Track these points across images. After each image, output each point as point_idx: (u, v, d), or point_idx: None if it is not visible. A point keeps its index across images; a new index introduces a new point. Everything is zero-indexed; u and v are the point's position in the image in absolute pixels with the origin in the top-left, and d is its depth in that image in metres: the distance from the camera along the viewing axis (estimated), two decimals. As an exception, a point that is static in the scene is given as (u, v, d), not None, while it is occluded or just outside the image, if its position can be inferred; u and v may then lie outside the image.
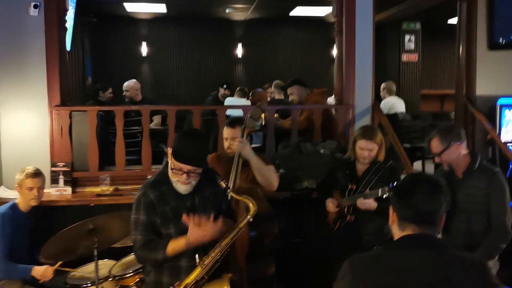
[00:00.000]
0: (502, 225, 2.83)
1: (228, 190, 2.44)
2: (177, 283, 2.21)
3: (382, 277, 1.52)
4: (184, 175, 2.24)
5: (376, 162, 3.23)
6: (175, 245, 2.24)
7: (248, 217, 2.35)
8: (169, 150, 2.32)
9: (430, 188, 1.60)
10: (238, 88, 7.21)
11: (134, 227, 2.33)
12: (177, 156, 2.24)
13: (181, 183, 2.27)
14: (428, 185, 1.61)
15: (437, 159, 2.97)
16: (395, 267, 1.53)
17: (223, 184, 2.66)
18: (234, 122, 3.32)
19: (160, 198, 2.31)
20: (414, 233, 1.59)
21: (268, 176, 3.16)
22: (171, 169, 2.27)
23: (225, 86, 7.04)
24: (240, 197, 2.45)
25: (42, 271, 3.14)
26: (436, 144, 2.93)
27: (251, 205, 2.38)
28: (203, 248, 2.28)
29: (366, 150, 3.18)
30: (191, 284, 2.20)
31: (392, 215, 1.66)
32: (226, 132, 3.29)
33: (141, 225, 2.30)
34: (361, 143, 3.19)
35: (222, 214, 2.40)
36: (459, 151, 2.89)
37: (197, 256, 2.22)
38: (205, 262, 2.22)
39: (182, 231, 2.26)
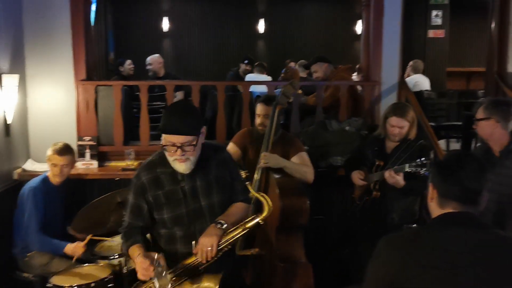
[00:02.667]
0: None
1: (247, 183, 2.31)
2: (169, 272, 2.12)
3: (421, 256, 1.48)
4: (179, 150, 2.05)
5: (406, 140, 3.17)
6: (133, 251, 2.15)
7: (258, 219, 2.15)
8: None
9: (478, 166, 1.55)
10: (256, 63, 7.09)
11: (126, 207, 2.30)
12: (164, 129, 2.08)
13: (179, 161, 2.09)
14: (476, 162, 1.56)
15: (474, 126, 2.90)
16: (435, 245, 1.48)
17: (243, 174, 2.62)
18: (268, 99, 3.31)
19: (153, 181, 2.18)
20: (455, 211, 1.54)
21: (304, 174, 3.16)
22: (163, 146, 2.10)
23: (246, 61, 6.96)
24: (258, 194, 2.25)
25: (73, 248, 3.19)
26: (479, 110, 2.84)
27: (266, 206, 2.16)
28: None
29: (397, 128, 3.12)
30: (181, 268, 2.13)
31: (432, 192, 1.60)
32: (260, 108, 3.29)
33: (130, 207, 2.25)
34: (392, 120, 3.13)
35: (233, 198, 2.29)
36: (495, 129, 2.81)
37: (194, 243, 2.09)
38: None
39: (175, 216, 2.17)
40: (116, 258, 3.17)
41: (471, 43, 8.84)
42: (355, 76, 6.14)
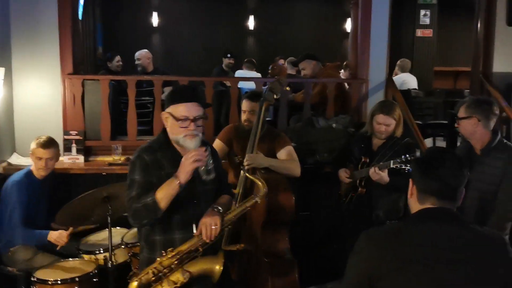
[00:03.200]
0: (506, 211, 2.78)
1: (242, 167, 2.41)
2: (169, 249, 2.14)
3: (399, 250, 1.50)
4: (192, 124, 2.11)
5: (392, 138, 3.20)
6: (163, 186, 2.09)
7: (256, 199, 2.28)
8: (164, 114, 2.20)
9: (457, 162, 1.57)
10: (245, 60, 7.04)
11: (129, 187, 2.18)
12: (177, 99, 2.15)
13: (190, 137, 2.12)
14: (455, 159, 1.58)
15: (456, 124, 2.94)
16: (414, 240, 1.51)
17: (237, 159, 2.64)
18: (254, 95, 3.32)
19: (155, 163, 2.19)
20: (433, 206, 1.56)
21: (291, 170, 3.17)
22: (177, 121, 2.12)
23: (228, 55, 6.87)
24: (252, 176, 2.41)
25: (56, 235, 3.18)
26: (461, 109, 2.88)
27: (261, 186, 2.30)
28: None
29: (383, 125, 3.15)
30: (184, 252, 2.13)
31: (412, 188, 1.63)
32: (245, 104, 3.29)
33: (137, 184, 2.16)
34: (379, 118, 3.16)
35: (221, 189, 2.34)
36: (476, 128, 2.85)
37: (194, 226, 2.14)
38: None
39: (175, 200, 2.12)
40: (102, 253, 3.16)
41: (459, 43, 8.91)
42: (342, 74, 6.18)
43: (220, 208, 2.18)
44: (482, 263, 1.48)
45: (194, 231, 2.14)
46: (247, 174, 2.44)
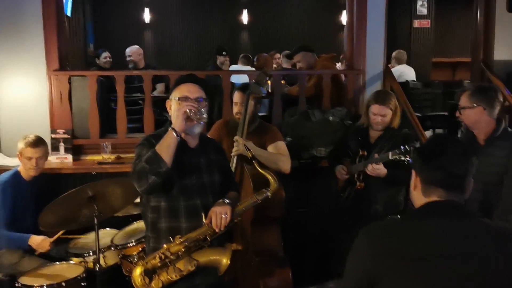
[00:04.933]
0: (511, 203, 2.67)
1: (254, 162, 2.50)
2: (177, 236, 2.10)
3: (400, 247, 1.37)
4: (195, 104, 2.12)
5: (390, 129, 3.08)
6: (162, 139, 2.07)
7: (268, 193, 2.36)
8: (168, 102, 2.23)
9: (461, 149, 1.44)
10: (241, 55, 6.91)
11: (134, 161, 2.12)
12: (179, 82, 2.22)
13: (194, 123, 2.11)
14: (458, 145, 1.46)
15: (457, 113, 2.80)
16: (417, 236, 1.38)
17: (249, 154, 2.66)
18: (245, 86, 3.23)
19: None
20: (440, 199, 1.43)
21: (279, 165, 3.04)
22: (179, 100, 2.14)
23: (224, 53, 6.72)
24: (263, 170, 2.48)
25: (38, 242, 3.06)
26: (463, 99, 2.75)
27: (272, 181, 2.39)
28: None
29: (379, 116, 3.03)
30: (193, 239, 2.10)
31: (415, 179, 1.49)
32: (237, 96, 3.20)
33: (143, 156, 2.09)
34: (374, 108, 3.04)
35: (226, 185, 2.32)
36: (481, 116, 2.72)
37: (203, 215, 2.14)
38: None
39: (183, 185, 2.15)
40: (91, 255, 3.03)
41: (457, 33, 8.79)
42: (339, 66, 6.04)
43: (229, 200, 2.19)
44: (490, 257, 1.36)
45: (204, 220, 2.13)
46: (259, 169, 2.49)
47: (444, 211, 1.42)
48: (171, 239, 2.10)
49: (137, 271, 2.07)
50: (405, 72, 6.41)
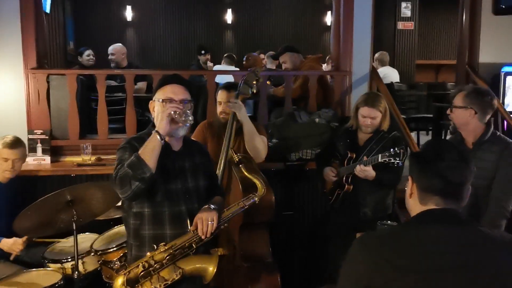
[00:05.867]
0: (501, 207, 2.65)
1: (241, 166, 2.47)
2: (162, 243, 2.01)
3: (399, 258, 1.31)
4: (180, 106, 2.04)
5: (379, 132, 3.04)
6: (146, 143, 1.99)
7: (256, 198, 2.30)
8: (151, 103, 2.15)
9: (459, 155, 1.39)
10: (225, 55, 6.81)
11: (116, 166, 2.02)
12: (162, 83, 2.13)
13: (178, 125, 2.03)
14: (456, 151, 1.40)
15: (448, 111, 2.78)
16: (414, 247, 1.32)
17: (236, 158, 2.59)
18: (229, 86, 3.15)
19: None
20: (438, 207, 1.38)
21: (258, 146, 2.98)
22: (163, 102, 2.07)
23: (203, 52, 6.59)
24: (250, 175, 2.43)
25: (10, 244, 2.93)
26: (458, 98, 2.72)
27: (259, 185, 2.34)
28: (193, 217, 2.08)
29: (369, 118, 2.99)
30: (178, 247, 2.01)
31: (411, 187, 1.44)
32: (221, 95, 3.10)
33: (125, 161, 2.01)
34: (364, 111, 2.99)
35: (211, 189, 2.26)
36: (471, 119, 2.69)
37: (188, 221, 2.07)
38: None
39: (168, 191, 2.08)
40: (69, 261, 2.91)
41: (440, 36, 8.87)
42: (325, 67, 6.00)
43: (215, 206, 2.11)
44: (490, 268, 1.31)
45: (189, 226, 2.06)
46: (246, 173, 2.46)
47: (442, 220, 1.36)
48: (155, 246, 2.01)
49: (119, 281, 1.98)
50: (389, 74, 6.40)
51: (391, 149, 2.74)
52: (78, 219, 2.73)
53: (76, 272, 2.74)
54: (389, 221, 2.47)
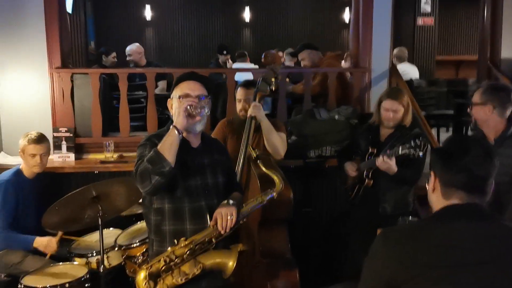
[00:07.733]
0: None
1: (259, 161, 2.46)
2: (182, 238, 2.05)
3: (423, 253, 1.32)
4: (196, 100, 2.07)
5: (401, 127, 3.03)
6: (164, 138, 2.01)
7: (274, 193, 2.30)
8: (169, 101, 2.19)
9: (484, 150, 1.40)
10: (237, 54, 6.78)
11: (137, 162, 2.05)
12: (179, 80, 2.16)
13: (195, 120, 2.05)
14: (481, 146, 1.40)
15: (469, 108, 2.76)
16: (439, 242, 1.33)
17: (254, 153, 2.60)
18: (248, 83, 3.18)
19: None
20: (461, 202, 1.38)
21: (277, 143, 3.00)
22: (179, 98, 2.09)
23: (225, 52, 6.60)
24: (268, 170, 2.42)
25: (45, 243, 3.01)
26: (476, 95, 2.71)
27: (277, 181, 2.33)
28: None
29: (391, 111, 2.99)
30: (198, 242, 2.04)
31: (434, 182, 1.44)
32: (240, 93, 3.14)
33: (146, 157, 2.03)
34: (386, 104, 3.00)
35: (230, 186, 2.28)
36: (490, 115, 2.67)
37: (208, 216, 2.09)
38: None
39: (187, 186, 2.10)
40: (94, 256, 2.98)
41: (460, 32, 8.74)
42: (343, 64, 5.97)
43: (234, 201, 2.13)
44: None
45: (209, 222, 2.08)
46: (264, 169, 2.46)
47: (466, 215, 1.37)
48: (176, 241, 2.05)
49: (141, 275, 2.02)
50: (408, 71, 6.34)
51: (412, 141, 2.73)
52: (104, 215, 2.79)
53: (102, 266, 2.80)
54: (410, 217, 2.47)
